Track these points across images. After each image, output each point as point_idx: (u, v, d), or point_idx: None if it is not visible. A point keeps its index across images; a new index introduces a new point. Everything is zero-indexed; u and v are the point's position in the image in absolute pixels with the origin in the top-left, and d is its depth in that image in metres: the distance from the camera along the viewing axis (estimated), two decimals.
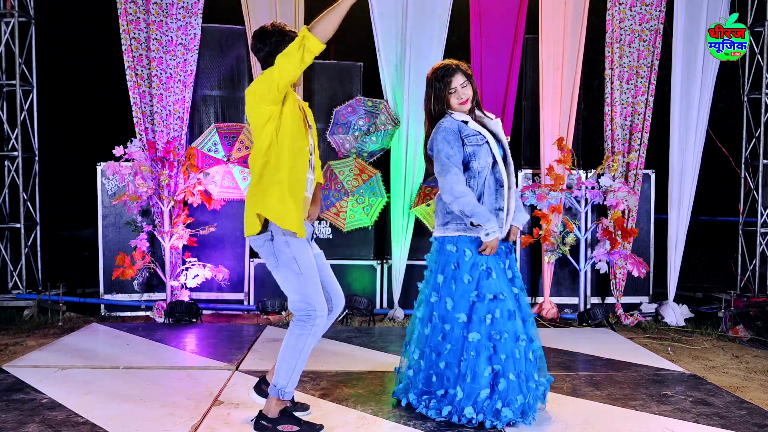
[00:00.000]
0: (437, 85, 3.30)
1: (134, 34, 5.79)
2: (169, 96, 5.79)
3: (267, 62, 3.04)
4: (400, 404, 3.42)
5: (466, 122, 3.29)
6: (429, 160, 3.41)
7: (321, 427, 3.08)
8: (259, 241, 3.04)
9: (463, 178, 3.22)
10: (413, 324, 3.47)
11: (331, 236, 6.00)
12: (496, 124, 3.37)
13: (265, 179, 3.00)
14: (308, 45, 2.82)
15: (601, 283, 6.08)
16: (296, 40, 2.84)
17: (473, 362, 3.14)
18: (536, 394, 3.25)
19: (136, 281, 5.87)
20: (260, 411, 3.09)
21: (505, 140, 3.39)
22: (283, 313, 5.70)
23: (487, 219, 3.16)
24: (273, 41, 3.03)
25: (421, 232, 5.89)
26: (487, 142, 3.28)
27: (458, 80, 3.27)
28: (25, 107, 6.06)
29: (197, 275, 5.72)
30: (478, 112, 3.38)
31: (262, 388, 3.28)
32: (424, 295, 3.42)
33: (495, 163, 3.31)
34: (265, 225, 3.01)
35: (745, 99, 6.16)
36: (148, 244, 5.69)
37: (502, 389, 3.12)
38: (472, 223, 3.20)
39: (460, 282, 3.22)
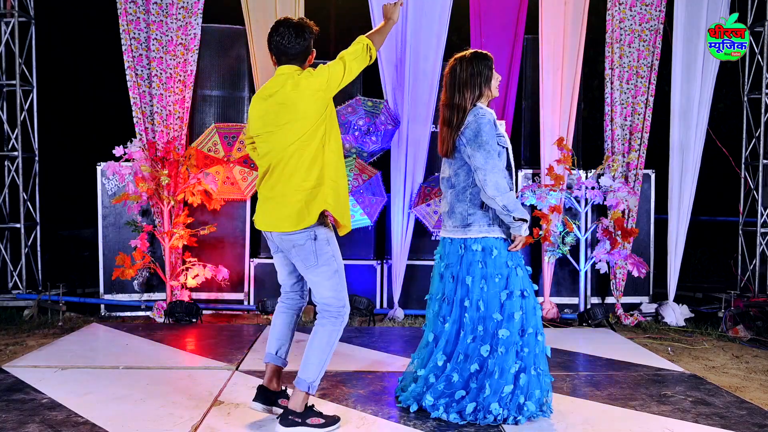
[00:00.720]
0: (488, 65, 3.31)
1: (134, 34, 5.79)
2: (169, 96, 5.79)
3: (296, 56, 3.06)
4: (405, 407, 3.37)
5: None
6: (453, 147, 3.28)
7: (339, 419, 3.16)
8: (300, 240, 3.01)
9: None
10: (436, 329, 3.36)
11: None
12: (501, 125, 3.39)
13: (319, 176, 3.01)
14: (373, 54, 3.10)
15: (601, 283, 6.08)
16: (362, 46, 3.07)
17: (502, 359, 3.17)
18: (549, 389, 3.30)
19: (136, 281, 5.86)
20: (286, 408, 3.07)
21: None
22: None
23: (525, 214, 3.21)
24: (309, 37, 3.08)
25: (421, 232, 5.89)
26: (508, 147, 3.33)
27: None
28: (25, 107, 6.06)
29: (197, 275, 5.72)
30: None
31: (267, 396, 3.21)
32: (448, 299, 3.32)
33: (509, 167, 3.34)
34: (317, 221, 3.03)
35: (745, 99, 6.16)
36: (148, 244, 5.69)
37: (523, 384, 3.17)
38: (514, 218, 3.18)
39: (491, 282, 3.22)
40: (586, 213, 5.86)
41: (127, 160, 5.62)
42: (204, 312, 5.78)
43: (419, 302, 5.93)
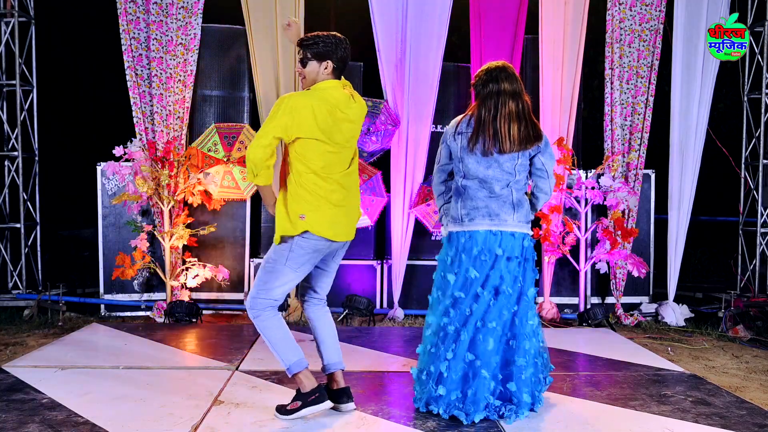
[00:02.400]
0: None
1: (134, 34, 5.79)
2: (169, 96, 5.79)
3: (341, 74, 3.22)
4: (413, 407, 3.37)
5: None
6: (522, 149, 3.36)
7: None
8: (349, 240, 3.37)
9: None
10: (502, 322, 3.29)
11: None
12: None
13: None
14: None
15: (601, 283, 6.08)
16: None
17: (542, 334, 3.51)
18: None
19: (136, 281, 5.87)
20: (348, 388, 3.34)
21: None
22: (282, 312, 5.69)
23: None
24: None
25: (421, 232, 5.89)
26: None
27: None
28: (25, 107, 6.06)
29: (197, 275, 5.72)
30: None
31: (342, 403, 3.33)
32: (526, 295, 3.34)
33: None
34: None
35: (745, 99, 6.16)
36: (148, 244, 5.69)
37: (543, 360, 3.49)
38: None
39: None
40: (586, 213, 5.86)
41: (127, 160, 5.62)
42: (204, 312, 5.78)
43: (419, 302, 5.93)
